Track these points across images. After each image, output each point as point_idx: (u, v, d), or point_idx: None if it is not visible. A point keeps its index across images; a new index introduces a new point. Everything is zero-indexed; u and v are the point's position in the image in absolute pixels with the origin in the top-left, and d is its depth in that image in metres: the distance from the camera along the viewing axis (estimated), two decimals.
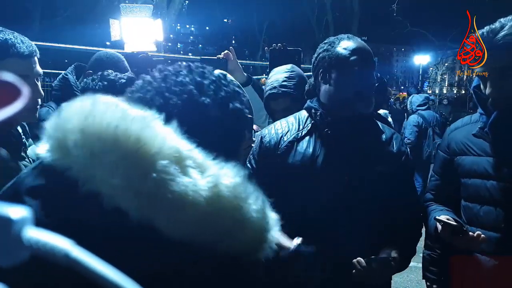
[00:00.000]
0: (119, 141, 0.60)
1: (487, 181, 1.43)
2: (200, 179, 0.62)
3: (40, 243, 0.34)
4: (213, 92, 0.77)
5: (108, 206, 0.58)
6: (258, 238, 0.68)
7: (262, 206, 0.69)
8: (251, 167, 1.58)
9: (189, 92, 0.75)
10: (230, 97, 0.79)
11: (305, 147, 1.51)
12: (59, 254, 0.34)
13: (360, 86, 1.46)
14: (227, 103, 0.78)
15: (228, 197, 0.63)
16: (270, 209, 0.73)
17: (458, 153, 1.54)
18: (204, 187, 0.62)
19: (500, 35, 1.35)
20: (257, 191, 0.70)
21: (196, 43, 53.57)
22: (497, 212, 1.41)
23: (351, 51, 1.46)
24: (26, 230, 0.33)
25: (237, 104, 0.80)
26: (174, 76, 0.78)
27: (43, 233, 0.34)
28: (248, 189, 0.68)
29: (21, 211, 0.33)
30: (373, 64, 1.52)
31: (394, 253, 1.39)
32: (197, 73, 0.79)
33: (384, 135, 1.56)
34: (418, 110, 5.42)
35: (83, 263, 0.34)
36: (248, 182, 0.69)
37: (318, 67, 1.54)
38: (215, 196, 0.62)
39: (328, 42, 1.54)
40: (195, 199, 0.60)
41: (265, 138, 1.58)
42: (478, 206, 1.46)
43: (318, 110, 1.53)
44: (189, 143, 0.66)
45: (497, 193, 1.41)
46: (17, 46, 1.37)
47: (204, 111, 0.74)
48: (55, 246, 0.34)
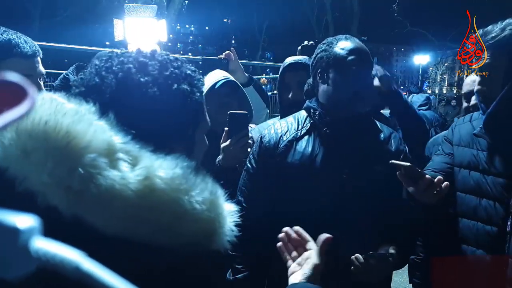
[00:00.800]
0: (49, 136, 0.58)
1: (487, 176, 1.45)
2: (129, 172, 0.60)
3: (49, 254, 0.32)
4: (157, 72, 0.73)
5: (42, 204, 0.56)
6: (205, 229, 0.65)
7: (210, 197, 0.66)
8: (251, 167, 1.59)
9: (127, 70, 0.71)
10: (177, 78, 0.75)
11: (304, 146, 1.52)
12: (69, 267, 0.32)
13: (357, 86, 1.47)
14: (171, 83, 0.74)
15: (163, 190, 0.61)
16: (223, 200, 0.70)
17: (461, 144, 1.56)
18: (133, 180, 0.59)
19: (489, 36, 1.40)
20: (204, 182, 0.67)
21: (196, 43, 53.61)
22: (496, 207, 1.42)
23: (349, 51, 1.47)
24: (34, 240, 0.31)
25: (185, 86, 0.75)
26: (118, 57, 0.75)
27: (52, 244, 0.32)
28: (191, 181, 0.64)
29: (29, 220, 0.31)
30: (371, 64, 1.54)
31: (392, 250, 1.40)
32: (143, 55, 0.76)
33: (382, 134, 1.57)
34: (420, 110, 5.42)
35: (95, 277, 0.33)
36: (193, 173, 0.66)
37: (316, 67, 1.55)
38: (147, 189, 0.60)
39: (326, 43, 1.55)
40: (123, 192, 0.58)
41: (264, 138, 1.59)
42: (476, 200, 1.46)
43: (317, 110, 1.54)
44: (124, 135, 0.63)
45: (495, 188, 1.42)
46: (21, 46, 1.38)
47: (140, 90, 0.70)
48: (65, 258, 0.32)
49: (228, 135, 1.58)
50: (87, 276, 0.32)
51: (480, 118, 1.57)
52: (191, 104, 0.77)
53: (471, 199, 1.48)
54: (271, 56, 37.43)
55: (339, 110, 1.51)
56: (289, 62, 2.00)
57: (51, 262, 0.32)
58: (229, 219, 0.70)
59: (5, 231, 0.30)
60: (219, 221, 0.67)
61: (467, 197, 1.50)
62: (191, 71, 0.80)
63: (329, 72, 1.51)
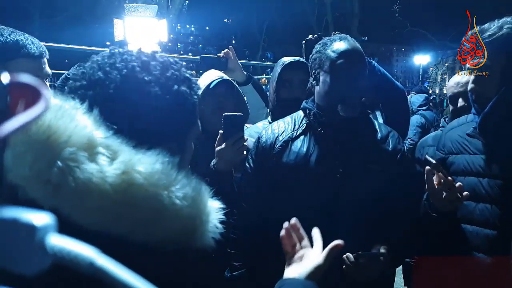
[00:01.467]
0: (31, 131, 0.59)
1: (482, 179, 1.44)
2: (107, 166, 0.60)
3: (65, 251, 0.33)
4: (158, 72, 0.75)
5: (22, 197, 0.57)
6: (186, 226, 0.65)
7: (192, 193, 0.66)
8: (249, 167, 1.59)
9: (132, 68, 0.73)
10: (177, 79, 0.77)
11: (299, 146, 1.52)
12: (83, 263, 0.33)
13: (345, 90, 1.46)
14: (172, 84, 0.75)
15: (142, 185, 0.61)
16: (206, 197, 0.70)
17: (454, 152, 1.55)
18: (111, 174, 0.59)
19: (486, 34, 1.39)
20: (186, 178, 0.67)
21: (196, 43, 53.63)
22: (493, 210, 1.42)
23: (339, 54, 1.47)
24: (50, 237, 0.32)
25: (184, 88, 0.77)
26: (121, 54, 0.76)
27: (67, 241, 0.33)
28: (171, 176, 0.64)
29: (45, 217, 0.32)
30: (363, 66, 1.51)
31: (383, 249, 1.41)
32: (146, 54, 0.78)
33: (379, 133, 1.57)
34: (419, 110, 5.41)
35: (108, 272, 0.33)
36: (174, 169, 0.66)
37: (312, 67, 1.56)
38: (125, 183, 0.60)
39: (321, 43, 1.55)
40: (100, 186, 0.58)
41: (262, 138, 1.60)
42: (473, 204, 1.46)
43: (312, 110, 1.55)
44: (106, 130, 0.64)
45: (492, 191, 1.42)
46: (28, 47, 1.40)
47: (144, 87, 0.72)
48: (79, 254, 0.33)
49: (223, 138, 1.55)
50: (100, 272, 0.33)
51: (468, 122, 1.57)
52: (189, 106, 0.78)
53: (468, 204, 1.47)
54: (272, 56, 37.43)
55: (328, 112, 1.51)
56: (289, 60, 2.00)
57: (66, 258, 0.32)
58: (214, 216, 0.70)
59: (22, 228, 0.30)
60: (201, 218, 0.67)
61: (465, 203, 1.49)
62: (189, 74, 0.81)
63: (321, 74, 1.51)
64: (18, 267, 0.30)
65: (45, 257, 0.31)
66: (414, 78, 46.49)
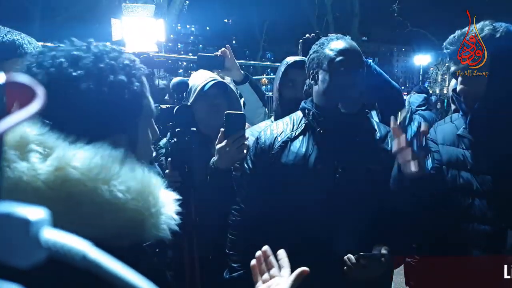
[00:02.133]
0: None
1: (477, 176, 1.45)
2: (39, 163, 0.59)
3: (58, 244, 0.34)
4: (91, 64, 0.71)
5: None
6: (133, 219, 0.63)
7: (137, 186, 0.64)
8: (247, 168, 1.59)
9: (58, 64, 0.70)
10: (113, 69, 0.73)
11: (298, 146, 1.53)
12: (76, 256, 0.34)
13: (345, 87, 1.47)
14: (106, 75, 0.72)
15: (79, 180, 0.59)
16: (157, 188, 0.68)
17: (446, 144, 1.56)
18: (43, 171, 0.58)
19: (467, 37, 1.43)
20: (131, 170, 0.65)
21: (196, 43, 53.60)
22: (489, 205, 1.42)
23: (337, 52, 1.48)
24: (44, 231, 0.33)
25: (121, 77, 0.74)
26: (49, 50, 0.73)
27: (60, 235, 0.34)
28: (113, 170, 0.63)
29: (39, 212, 0.33)
30: (361, 64, 1.53)
31: (384, 250, 1.41)
32: (78, 48, 0.74)
33: (378, 133, 1.57)
34: (418, 110, 5.40)
35: (100, 265, 0.34)
36: (116, 162, 0.64)
37: (309, 67, 1.57)
38: (59, 179, 0.58)
39: (318, 43, 1.57)
40: (32, 184, 0.57)
41: (260, 139, 1.60)
42: (469, 200, 1.47)
43: (311, 110, 1.55)
44: (41, 126, 0.62)
45: (485, 186, 1.43)
46: (25, 47, 1.40)
47: (73, 84, 0.69)
48: (72, 247, 0.34)
49: (224, 135, 1.55)
50: (93, 265, 0.34)
51: (453, 121, 1.58)
52: (129, 95, 0.76)
53: (463, 200, 1.48)
54: (272, 56, 37.43)
55: (328, 110, 1.51)
56: (294, 59, 2.00)
57: (60, 252, 0.33)
58: (169, 207, 0.69)
59: (17, 222, 0.31)
60: (149, 211, 0.65)
61: (459, 198, 1.50)
62: (130, 61, 0.78)
63: (319, 73, 1.52)
64: (14, 260, 0.31)
65: (40, 251, 0.32)
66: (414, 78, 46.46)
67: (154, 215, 0.66)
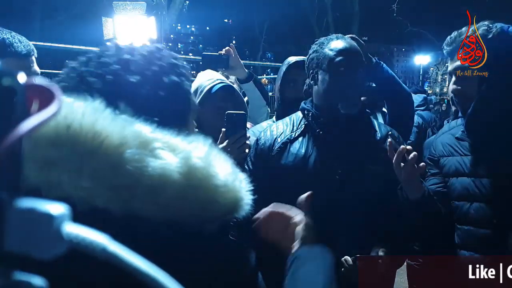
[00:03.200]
0: (77, 141, 0.58)
1: (475, 179, 1.45)
2: (172, 158, 0.62)
3: (79, 237, 0.36)
4: (144, 68, 0.72)
5: (83, 208, 0.56)
6: (235, 198, 0.69)
7: (229, 169, 0.70)
8: (248, 169, 1.59)
9: (114, 72, 0.70)
10: (165, 71, 0.75)
11: (297, 148, 1.52)
12: (97, 248, 0.36)
13: (344, 87, 1.46)
14: (161, 78, 0.74)
15: (203, 167, 0.64)
16: (238, 170, 0.74)
17: (445, 155, 1.57)
18: (179, 164, 0.62)
19: (462, 37, 1.43)
20: (222, 155, 0.71)
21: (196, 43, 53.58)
22: (486, 209, 1.43)
23: (337, 52, 1.47)
24: (65, 225, 0.35)
25: (174, 77, 0.75)
26: (97, 57, 0.73)
27: (81, 228, 0.36)
28: (216, 156, 0.68)
29: (60, 207, 0.35)
30: (361, 64, 1.52)
31: (381, 252, 1.40)
32: (124, 50, 0.75)
33: (378, 133, 1.57)
34: (417, 110, 5.41)
35: (120, 257, 0.37)
36: (215, 149, 0.70)
37: (309, 67, 1.56)
38: (192, 169, 0.63)
39: (318, 43, 1.56)
40: (173, 177, 0.61)
41: (260, 140, 1.60)
42: (467, 204, 1.47)
43: (311, 111, 1.54)
44: (148, 125, 0.64)
45: (485, 190, 1.43)
46: (15, 46, 1.38)
47: (134, 90, 0.70)
48: (93, 240, 0.36)
49: (226, 136, 1.55)
50: (113, 256, 0.36)
51: (458, 125, 1.58)
52: (182, 93, 0.78)
53: (462, 205, 1.48)
54: (272, 56, 37.43)
55: (328, 111, 1.51)
56: (295, 59, 2.00)
57: (81, 244, 0.36)
58: (246, 186, 0.75)
59: (41, 217, 0.34)
60: (242, 188, 0.72)
61: (459, 204, 1.50)
62: (174, 58, 0.79)
63: (319, 73, 1.51)
64: (36, 252, 0.33)
65: (61, 243, 0.34)
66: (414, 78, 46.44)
67: (244, 196, 0.72)
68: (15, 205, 0.33)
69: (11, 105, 0.32)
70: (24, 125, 0.32)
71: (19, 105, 0.32)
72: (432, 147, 1.64)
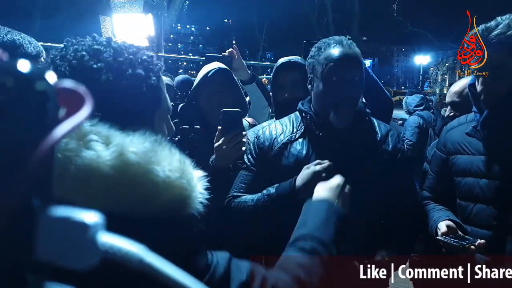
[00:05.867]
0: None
1: (480, 180, 1.44)
2: (103, 150, 0.63)
3: (115, 247, 0.34)
4: (111, 58, 0.75)
5: None
6: (180, 195, 0.69)
7: (180, 165, 0.71)
8: (249, 164, 1.58)
9: (80, 57, 0.74)
10: (131, 63, 0.77)
11: (298, 149, 1.51)
12: (134, 259, 0.35)
13: (335, 98, 1.43)
14: (125, 69, 0.76)
15: (138, 163, 0.65)
16: (191, 167, 0.74)
17: (453, 153, 1.55)
18: (109, 157, 0.63)
19: (494, 33, 1.36)
20: (172, 152, 0.71)
21: (196, 43, 53.65)
22: (489, 210, 1.42)
23: (330, 61, 1.42)
24: (100, 235, 0.34)
25: (139, 71, 0.78)
26: (72, 45, 0.77)
27: (116, 238, 0.35)
28: (160, 153, 0.69)
29: (95, 216, 0.34)
30: (355, 74, 1.45)
31: (387, 257, 1.39)
32: (98, 42, 0.78)
33: (378, 134, 1.56)
34: (416, 111, 5.42)
35: (156, 268, 0.36)
36: (161, 146, 0.70)
37: (308, 72, 1.55)
38: (123, 164, 0.63)
39: (316, 47, 1.51)
40: (101, 169, 0.61)
41: (259, 138, 1.58)
42: (471, 205, 1.46)
43: (309, 113, 1.53)
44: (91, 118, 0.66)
45: (489, 192, 1.41)
46: (25, 47, 1.39)
47: (94, 76, 0.73)
48: (129, 251, 0.35)
49: (222, 134, 1.54)
50: (149, 267, 0.36)
51: (468, 121, 1.56)
52: (147, 88, 0.79)
53: (466, 205, 1.48)
54: (272, 56, 37.44)
55: (325, 117, 1.50)
56: (282, 61, 2.00)
57: (117, 255, 0.35)
58: (199, 184, 0.75)
59: (75, 226, 0.32)
60: (191, 186, 0.72)
61: (463, 203, 1.50)
62: (148, 57, 0.82)
63: (314, 80, 1.50)
64: (70, 262, 0.32)
65: (96, 253, 0.33)
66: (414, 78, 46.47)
67: (193, 190, 0.72)
68: (48, 213, 0.31)
69: (44, 110, 0.31)
70: (56, 132, 0.31)
71: (51, 109, 0.31)
72: (442, 142, 1.61)
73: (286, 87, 1.93)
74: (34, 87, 0.30)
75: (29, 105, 0.30)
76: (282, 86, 1.95)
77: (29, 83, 0.30)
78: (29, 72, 0.30)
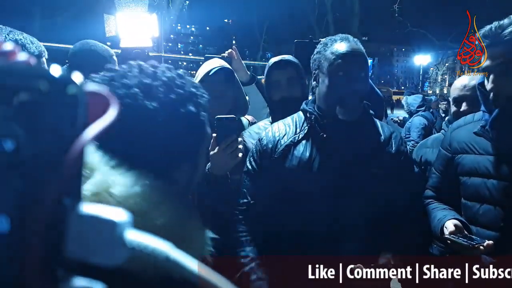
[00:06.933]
0: None
1: (487, 180, 1.43)
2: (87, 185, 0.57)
3: (142, 245, 0.36)
4: (163, 95, 0.71)
5: None
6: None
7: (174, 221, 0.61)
8: (251, 168, 1.57)
9: (133, 95, 0.69)
10: (182, 99, 0.74)
11: (302, 151, 1.49)
12: (160, 256, 0.36)
13: (342, 93, 1.44)
14: (177, 107, 0.72)
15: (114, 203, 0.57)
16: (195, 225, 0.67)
17: (459, 152, 1.54)
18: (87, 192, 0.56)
19: (507, 30, 1.34)
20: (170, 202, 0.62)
21: (196, 43, 53.60)
22: (496, 211, 1.41)
23: (337, 56, 1.43)
24: (127, 232, 0.35)
25: (191, 107, 0.74)
26: (120, 77, 0.72)
27: (143, 236, 0.36)
28: (151, 201, 0.60)
29: (123, 214, 0.35)
30: (362, 69, 1.47)
31: (392, 260, 1.39)
32: (146, 74, 0.74)
33: (382, 135, 1.55)
34: (419, 111, 5.41)
35: (182, 264, 0.37)
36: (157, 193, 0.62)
37: (312, 68, 1.54)
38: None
39: (322, 43, 1.52)
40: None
41: (262, 140, 1.56)
42: (477, 205, 1.45)
43: (313, 113, 1.52)
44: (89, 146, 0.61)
45: (496, 192, 1.40)
46: (27, 47, 1.39)
47: (150, 116, 0.69)
48: (156, 248, 0.36)
49: (217, 141, 1.48)
50: (176, 264, 0.37)
51: (475, 121, 1.54)
52: (197, 124, 0.76)
53: (472, 206, 1.47)
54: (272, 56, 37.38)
55: (330, 114, 1.49)
56: (274, 60, 1.99)
57: (144, 252, 0.36)
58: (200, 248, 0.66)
59: (104, 224, 0.33)
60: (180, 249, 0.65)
61: (469, 203, 1.49)
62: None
63: (320, 76, 1.49)
64: (99, 259, 0.33)
65: (124, 250, 0.34)
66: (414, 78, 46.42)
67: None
68: (77, 211, 0.33)
69: (75, 113, 0.32)
70: (87, 133, 0.32)
71: (81, 112, 0.32)
72: (448, 141, 1.59)
73: (281, 85, 1.92)
74: (66, 91, 0.31)
75: (63, 108, 0.31)
76: (277, 84, 1.94)
77: (62, 87, 0.31)
78: (61, 76, 0.31)
